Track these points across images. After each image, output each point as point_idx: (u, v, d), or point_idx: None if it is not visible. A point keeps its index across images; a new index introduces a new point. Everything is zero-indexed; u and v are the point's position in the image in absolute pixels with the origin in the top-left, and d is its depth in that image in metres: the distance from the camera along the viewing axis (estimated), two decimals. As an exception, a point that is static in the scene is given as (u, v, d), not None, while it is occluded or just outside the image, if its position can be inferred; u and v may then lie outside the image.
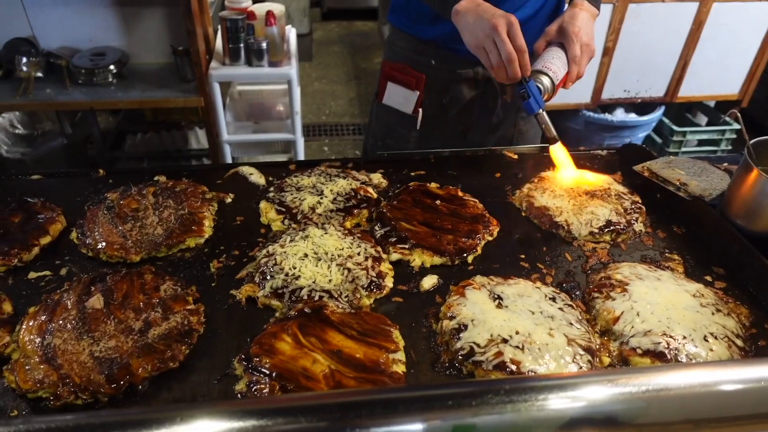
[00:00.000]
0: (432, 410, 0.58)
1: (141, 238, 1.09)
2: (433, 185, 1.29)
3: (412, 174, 1.36)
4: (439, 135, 1.57)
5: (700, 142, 3.25)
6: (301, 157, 2.83)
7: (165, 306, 0.95)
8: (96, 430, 0.57)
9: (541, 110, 1.21)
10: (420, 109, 1.54)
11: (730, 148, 3.28)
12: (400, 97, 1.55)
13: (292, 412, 0.57)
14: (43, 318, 0.91)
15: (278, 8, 2.58)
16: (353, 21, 5.76)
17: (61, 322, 0.90)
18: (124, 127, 3.46)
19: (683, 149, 3.24)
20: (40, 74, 2.49)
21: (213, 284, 1.03)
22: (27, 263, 1.06)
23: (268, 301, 0.98)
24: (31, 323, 0.91)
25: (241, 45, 2.46)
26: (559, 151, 1.29)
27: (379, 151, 1.58)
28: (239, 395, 0.83)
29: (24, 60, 2.47)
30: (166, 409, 0.63)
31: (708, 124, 3.33)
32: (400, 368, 0.88)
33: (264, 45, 2.46)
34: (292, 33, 2.80)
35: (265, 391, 0.82)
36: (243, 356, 0.87)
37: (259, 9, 2.55)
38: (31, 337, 0.88)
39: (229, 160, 2.72)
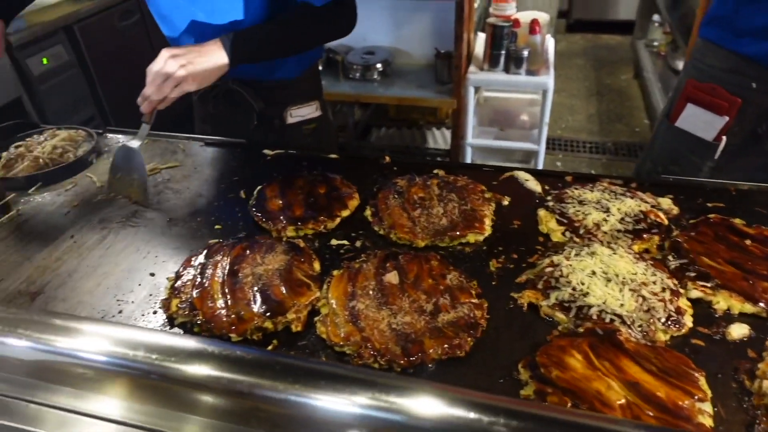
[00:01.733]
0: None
1: (427, 225, 1.15)
2: (738, 221, 1.13)
3: (708, 205, 1.21)
4: (741, 168, 1.37)
5: None
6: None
7: (452, 294, 0.98)
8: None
9: None
10: (724, 137, 1.36)
11: None
12: (700, 121, 1.39)
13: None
14: (348, 282, 1.02)
15: (543, 17, 2.55)
16: (600, 34, 5.46)
17: (362, 290, 1.00)
18: (371, 121, 3.78)
19: None
20: (320, 67, 2.86)
21: (493, 283, 1.04)
22: (329, 230, 1.19)
23: (552, 312, 0.95)
24: (337, 284, 1.02)
25: (503, 51, 2.49)
26: None
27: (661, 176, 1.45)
28: (524, 401, 0.82)
29: (311, 54, 2.85)
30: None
31: None
32: (707, 421, 0.77)
33: (525, 53, 2.45)
34: (550, 42, 2.75)
35: (556, 403, 0.79)
36: (528, 362, 0.86)
37: (524, 17, 2.55)
38: (339, 296, 0.99)
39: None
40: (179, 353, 0.67)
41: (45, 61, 2.81)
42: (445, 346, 0.89)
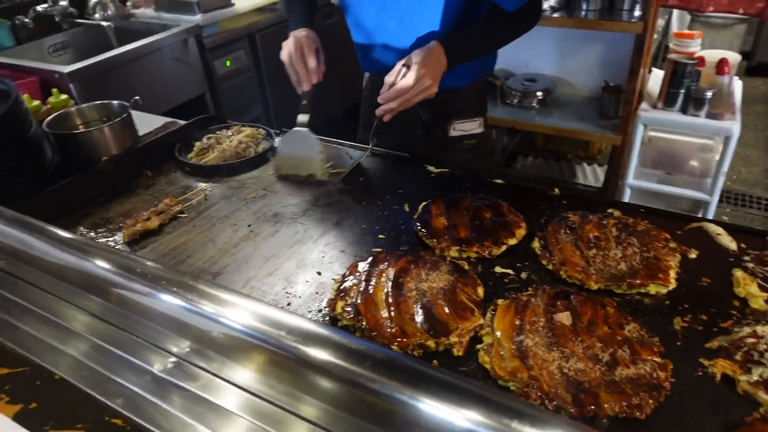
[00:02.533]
0: None
1: (603, 267, 1.07)
2: None
3: None
4: None
5: None
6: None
7: (632, 348, 0.89)
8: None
9: None
10: None
11: None
12: None
13: None
14: (515, 315, 0.97)
15: (734, 57, 2.31)
16: (787, 80, 4.86)
17: (530, 325, 0.95)
18: (517, 149, 3.69)
19: None
20: (478, 89, 2.85)
21: (678, 343, 0.94)
22: (493, 257, 1.16)
23: (754, 390, 0.83)
24: (503, 315, 0.98)
25: (682, 90, 2.30)
26: None
27: None
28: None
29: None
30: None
31: None
32: None
33: (709, 94, 2.24)
34: (738, 85, 2.48)
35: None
36: (724, 443, 0.75)
37: (710, 55, 2.33)
38: (505, 328, 0.95)
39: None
40: (309, 337, 0.70)
41: (228, 63, 3.13)
42: (624, 403, 0.81)
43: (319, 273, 1.14)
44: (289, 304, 1.06)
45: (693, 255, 1.13)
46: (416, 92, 1.29)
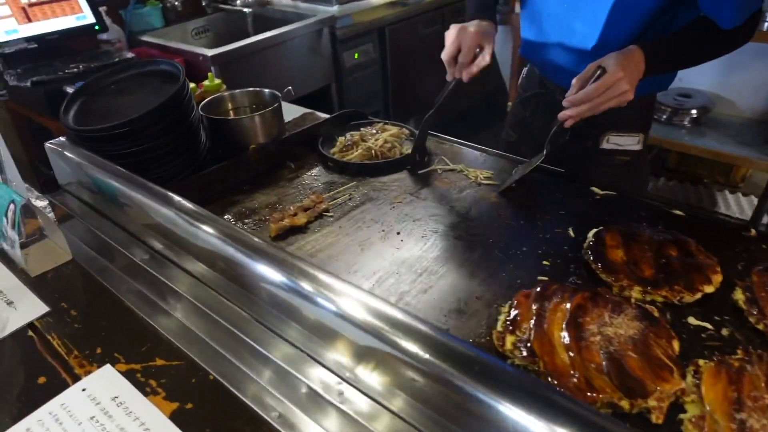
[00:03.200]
0: None
1: (836, 338, 0.88)
2: None
3: None
4: None
5: None
6: None
7: None
8: None
9: None
10: None
11: None
12: None
13: None
14: (729, 385, 0.82)
15: None
16: None
17: (752, 401, 0.79)
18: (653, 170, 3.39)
19: None
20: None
21: None
22: (683, 305, 1.00)
23: None
24: (713, 382, 0.83)
25: None
26: None
27: None
28: None
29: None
30: None
31: None
32: None
33: None
34: None
35: None
36: None
37: None
38: (718, 399, 0.80)
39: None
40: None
41: (356, 56, 3.10)
42: None
43: (478, 298, 1.04)
44: (447, 330, 0.97)
45: None
46: (609, 97, 1.16)
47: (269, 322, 0.88)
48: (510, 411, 0.60)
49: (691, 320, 0.97)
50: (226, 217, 1.32)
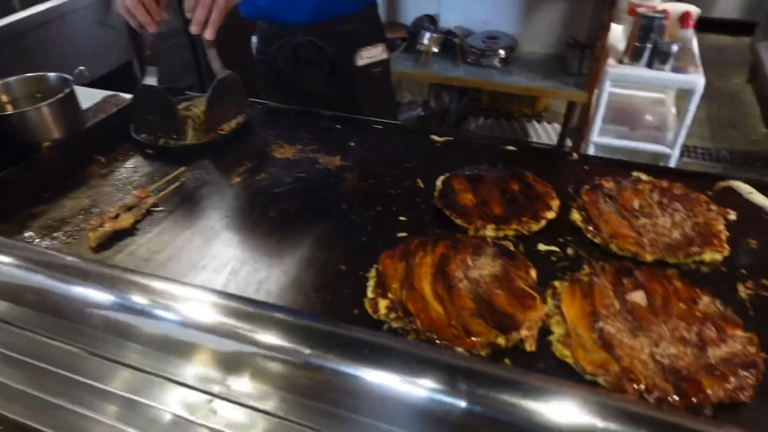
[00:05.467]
0: None
1: (656, 238, 1.00)
2: None
3: None
4: None
5: None
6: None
7: (716, 325, 0.83)
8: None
9: None
10: None
11: None
12: None
13: None
14: (584, 299, 0.88)
15: (696, 11, 2.32)
16: (706, 33, 5.08)
17: (605, 309, 0.86)
18: (465, 110, 3.61)
19: None
20: (436, 49, 2.70)
21: (750, 313, 0.88)
22: (531, 234, 1.06)
23: None
24: (571, 300, 0.88)
25: (648, 45, 2.28)
26: None
27: None
28: None
29: (426, 35, 2.70)
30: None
31: None
32: None
33: (674, 48, 2.23)
34: (694, 38, 2.51)
35: None
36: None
37: (673, 8, 2.33)
38: (577, 315, 0.86)
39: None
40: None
41: (157, 26, 2.76)
42: (727, 387, 0.74)
43: (343, 268, 0.99)
44: (320, 309, 0.91)
45: (733, 216, 1.09)
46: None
47: (106, 350, 0.73)
48: (378, 377, 0.57)
49: (541, 247, 1.03)
50: (26, 235, 1.08)
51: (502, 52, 2.54)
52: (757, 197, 1.13)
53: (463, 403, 0.51)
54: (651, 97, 2.79)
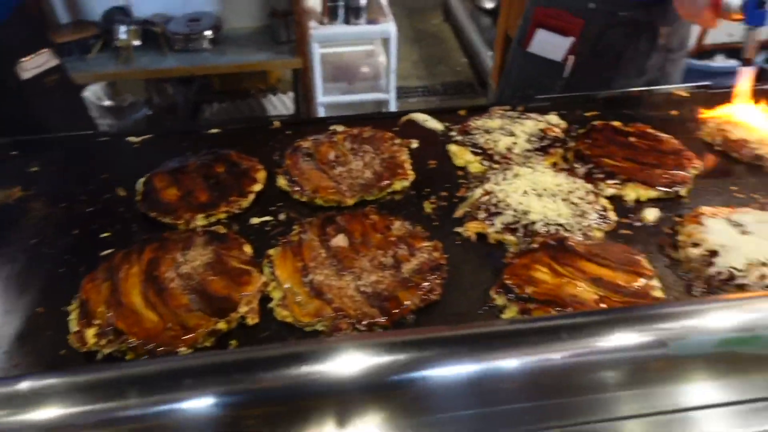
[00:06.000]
0: None
1: (352, 182, 1.09)
2: (617, 123, 1.26)
3: (586, 115, 1.33)
4: (586, 82, 1.52)
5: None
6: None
7: (406, 243, 0.95)
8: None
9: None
10: (571, 56, 1.49)
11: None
12: (549, 45, 1.51)
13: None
14: (294, 258, 0.92)
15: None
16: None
17: (313, 261, 0.91)
18: (197, 98, 3.46)
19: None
20: (137, 42, 2.50)
21: (434, 223, 1.03)
22: (244, 210, 1.07)
23: (501, 236, 0.97)
24: (282, 262, 0.92)
25: (341, 3, 2.43)
26: (747, 76, 1.25)
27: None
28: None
29: (122, 29, 2.47)
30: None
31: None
32: (659, 293, 0.87)
33: (363, 2, 2.42)
34: (379, -10, 2.75)
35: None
36: (500, 288, 0.87)
37: (353, -35, 2.51)
38: (290, 274, 0.90)
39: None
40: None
41: None
42: (420, 293, 0.86)
43: (40, 311, 0.88)
44: (15, 366, 0.80)
45: (415, 144, 1.24)
46: None
47: None
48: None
49: (254, 220, 1.05)
50: None
51: (208, 33, 2.47)
52: (432, 123, 1.31)
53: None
54: (363, 50, 3.02)
